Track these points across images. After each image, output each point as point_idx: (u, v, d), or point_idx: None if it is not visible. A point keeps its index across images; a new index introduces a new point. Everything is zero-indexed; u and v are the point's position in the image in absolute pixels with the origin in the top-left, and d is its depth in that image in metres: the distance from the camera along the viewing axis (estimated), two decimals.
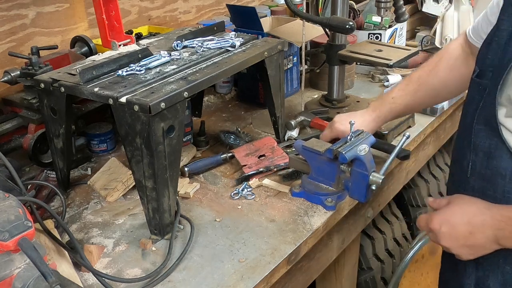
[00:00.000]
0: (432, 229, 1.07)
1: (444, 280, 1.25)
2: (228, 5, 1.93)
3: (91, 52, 1.69)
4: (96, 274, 1.06)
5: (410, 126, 1.69)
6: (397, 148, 1.28)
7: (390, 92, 1.42)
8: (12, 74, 1.46)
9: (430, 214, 1.10)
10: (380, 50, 1.71)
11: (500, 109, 0.99)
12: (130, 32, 1.89)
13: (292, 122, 1.60)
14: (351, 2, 2.15)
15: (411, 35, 2.48)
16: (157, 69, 1.27)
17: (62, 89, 1.23)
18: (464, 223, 1.01)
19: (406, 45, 2.27)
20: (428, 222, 1.08)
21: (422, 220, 1.11)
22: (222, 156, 1.51)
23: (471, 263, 1.07)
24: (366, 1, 2.44)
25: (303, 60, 1.72)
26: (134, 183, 1.32)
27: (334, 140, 1.36)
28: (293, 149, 1.47)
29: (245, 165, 1.46)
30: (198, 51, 1.38)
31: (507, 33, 0.99)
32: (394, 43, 2.19)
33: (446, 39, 2.12)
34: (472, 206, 1.02)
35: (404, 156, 1.48)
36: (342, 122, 1.39)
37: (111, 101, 1.13)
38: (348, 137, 1.25)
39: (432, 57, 1.40)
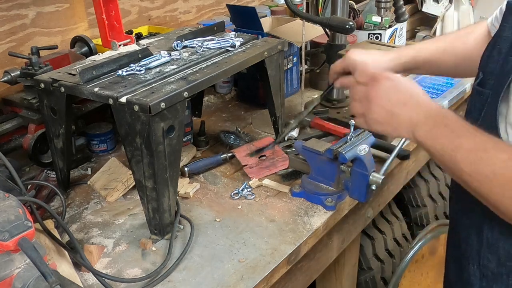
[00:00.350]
0: (379, 80, 1.03)
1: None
2: (228, 5, 1.93)
3: (91, 52, 1.69)
4: (96, 274, 1.06)
5: None
6: (397, 148, 1.28)
7: (416, 43, 1.36)
8: (12, 74, 1.46)
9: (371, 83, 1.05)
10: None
11: (502, 121, 0.96)
12: (130, 32, 1.89)
13: (292, 122, 1.60)
14: (351, 2, 2.15)
15: (411, 35, 2.48)
16: (157, 69, 1.27)
17: (62, 89, 1.23)
18: (408, 95, 1.00)
19: (406, 45, 2.27)
20: (378, 72, 1.05)
21: (371, 68, 1.09)
22: (222, 156, 1.51)
23: (476, 273, 1.06)
24: (366, 1, 2.45)
25: (303, 60, 1.72)
26: (134, 183, 1.32)
27: (343, 74, 1.27)
28: (293, 149, 1.47)
29: (245, 165, 1.46)
30: (198, 51, 1.38)
31: (509, 41, 0.96)
32: (394, 43, 2.19)
33: None
34: (418, 86, 1.02)
35: (404, 156, 1.48)
36: (356, 52, 1.28)
37: (111, 101, 1.13)
38: (348, 137, 1.25)
39: (464, 27, 1.34)
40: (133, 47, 1.44)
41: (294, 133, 1.62)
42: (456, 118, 0.95)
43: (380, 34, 2.14)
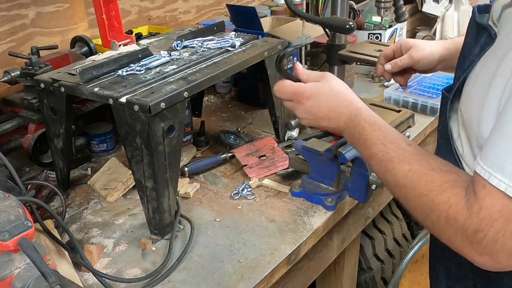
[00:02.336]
0: (300, 100, 1.10)
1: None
2: (228, 5, 1.93)
3: (91, 52, 1.69)
4: (96, 274, 1.06)
5: (410, 126, 1.69)
6: None
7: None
8: (12, 74, 1.46)
9: (301, 85, 1.12)
10: (380, 50, 1.71)
11: (454, 124, 0.96)
12: (130, 32, 1.89)
13: (292, 122, 1.60)
14: (351, 2, 2.15)
15: (411, 35, 2.48)
16: (157, 69, 1.27)
17: (62, 89, 1.23)
18: (327, 109, 1.08)
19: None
20: (298, 91, 1.11)
21: (291, 84, 1.13)
22: (222, 156, 1.51)
23: (443, 272, 1.08)
24: (366, 1, 2.45)
25: (303, 60, 1.72)
26: (134, 183, 1.32)
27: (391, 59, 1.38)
28: (293, 149, 1.47)
29: (245, 165, 1.46)
30: (198, 51, 1.38)
31: (468, 48, 0.96)
32: (394, 43, 2.18)
33: (446, 39, 2.12)
34: (340, 95, 1.08)
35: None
36: (420, 47, 1.36)
37: (111, 101, 1.13)
38: None
39: None
40: (133, 47, 1.44)
41: (294, 133, 1.62)
42: (370, 124, 1.00)
43: (380, 34, 2.14)
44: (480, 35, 0.92)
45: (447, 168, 0.85)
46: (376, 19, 2.13)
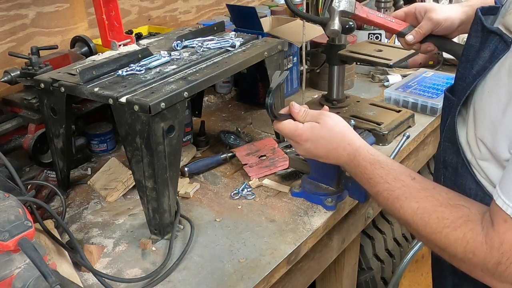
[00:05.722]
0: (298, 142, 1.13)
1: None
2: (228, 5, 1.93)
3: (91, 52, 1.69)
4: (96, 274, 1.06)
5: (410, 126, 1.69)
6: (397, 148, 1.28)
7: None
8: (12, 74, 1.46)
9: (298, 127, 1.13)
10: (380, 50, 1.71)
11: (461, 134, 0.95)
12: (130, 32, 1.89)
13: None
14: None
15: None
16: (157, 69, 1.27)
17: (62, 89, 1.23)
18: (325, 151, 1.10)
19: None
20: (296, 134, 1.12)
21: (288, 125, 1.15)
22: (222, 156, 1.51)
23: (449, 269, 1.07)
24: (366, 1, 2.45)
25: (304, 60, 1.72)
26: (134, 183, 1.32)
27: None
28: (293, 149, 1.47)
29: (245, 164, 1.46)
30: (198, 51, 1.38)
31: (473, 50, 0.93)
32: (394, 43, 2.18)
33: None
34: (338, 136, 1.09)
35: None
36: (438, 10, 1.30)
37: (111, 101, 1.13)
38: None
39: None
40: (133, 47, 1.44)
41: None
42: (370, 163, 1.01)
43: (380, 34, 2.14)
44: (488, 39, 0.89)
45: (455, 202, 0.85)
46: None
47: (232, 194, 1.37)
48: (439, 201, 0.86)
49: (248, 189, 1.38)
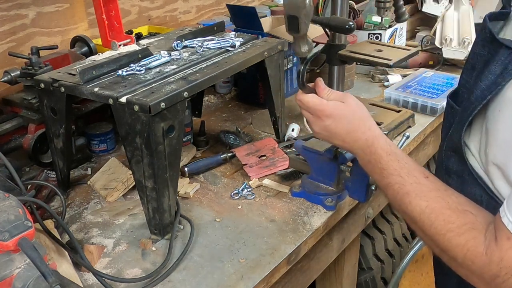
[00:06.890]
0: (320, 116, 1.09)
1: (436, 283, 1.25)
2: (228, 5, 1.93)
3: (91, 52, 1.69)
4: (96, 274, 1.06)
5: (410, 126, 1.69)
6: None
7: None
8: (12, 74, 1.46)
9: (323, 102, 1.10)
10: (380, 50, 1.71)
11: (468, 143, 0.93)
12: (130, 32, 1.89)
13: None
14: (351, 2, 2.15)
15: (411, 35, 2.48)
16: (157, 69, 1.27)
17: (62, 89, 1.23)
18: (344, 131, 1.07)
19: (406, 45, 2.27)
20: (320, 108, 1.09)
21: (313, 99, 1.11)
22: (222, 156, 1.51)
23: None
24: (366, 1, 2.45)
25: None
26: (134, 183, 1.32)
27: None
28: (293, 149, 1.47)
29: (245, 164, 1.46)
30: (198, 51, 1.38)
31: (482, 60, 0.90)
32: (394, 43, 2.19)
33: (446, 39, 2.12)
34: (360, 120, 1.07)
35: None
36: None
37: (111, 101, 1.13)
38: None
39: None
40: (133, 47, 1.44)
41: (294, 133, 1.62)
42: (387, 153, 0.99)
43: (380, 34, 2.14)
44: (499, 51, 0.86)
45: (464, 208, 0.85)
46: (376, 19, 2.13)
47: (232, 194, 1.37)
48: (448, 204, 0.86)
49: (248, 189, 1.38)
